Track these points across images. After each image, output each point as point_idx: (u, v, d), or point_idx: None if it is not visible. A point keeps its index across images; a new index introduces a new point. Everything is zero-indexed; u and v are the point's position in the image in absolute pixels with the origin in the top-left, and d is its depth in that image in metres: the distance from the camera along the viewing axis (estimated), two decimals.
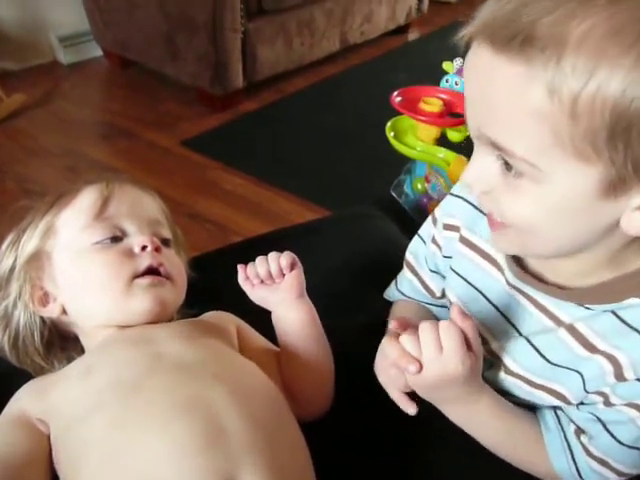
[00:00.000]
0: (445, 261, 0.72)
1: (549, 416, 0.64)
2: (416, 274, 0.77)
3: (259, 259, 0.69)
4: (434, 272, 0.75)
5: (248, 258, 0.71)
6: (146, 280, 0.64)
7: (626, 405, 0.55)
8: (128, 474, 0.50)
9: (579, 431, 0.61)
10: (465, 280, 0.68)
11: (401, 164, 1.81)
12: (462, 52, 0.51)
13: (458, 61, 1.76)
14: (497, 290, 0.64)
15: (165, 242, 0.70)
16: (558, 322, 0.59)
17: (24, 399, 0.61)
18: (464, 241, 0.68)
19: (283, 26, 2.45)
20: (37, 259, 0.67)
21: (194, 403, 0.54)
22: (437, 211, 0.74)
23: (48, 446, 0.58)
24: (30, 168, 2.00)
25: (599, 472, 0.59)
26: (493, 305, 0.65)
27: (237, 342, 0.69)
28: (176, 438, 0.51)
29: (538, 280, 0.59)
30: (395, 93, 1.64)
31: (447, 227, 0.71)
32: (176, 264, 0.70)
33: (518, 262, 0.61)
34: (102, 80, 2.76)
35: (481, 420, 0.64)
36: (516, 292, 0.62)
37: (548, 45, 0.41)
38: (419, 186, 1.73)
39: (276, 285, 0.68)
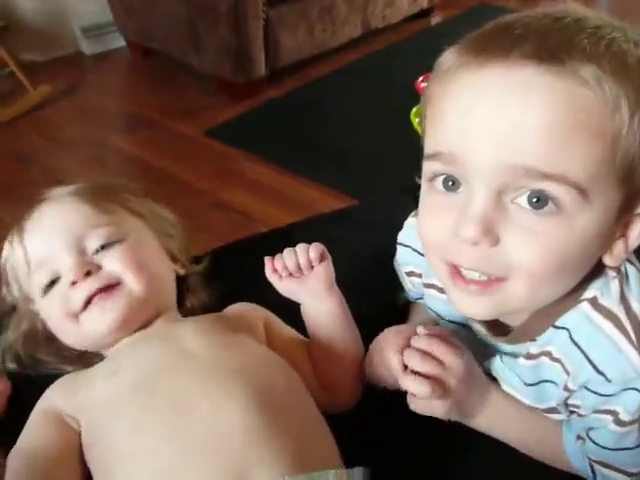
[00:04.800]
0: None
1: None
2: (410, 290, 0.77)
3: (287, 251, 0.68)
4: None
5: (275, 248, 0.70)
6: (89, 313, 0.63)
7: (594, 413, 0.55)
8: (151, 473, 0.51)
9: (578, 437, 0.60)
10: (440, 316, 0.69)
11: None
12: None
13: None
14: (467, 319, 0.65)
15: (104, 246, 0.66)
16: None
17: (55, 396, 0.63)
18: (427, 285, 0.68)
19: (305, 13, 2.43)
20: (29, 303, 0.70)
21: (213, 402, 0.54)
22: (396, 261, 0.75)
23: (79, 442, 0.59)
24: (55, 158, 2.02)
25: (607, 475, 0.58)
26: (471, 330, 0.65)
27: (265, 336, 0.69)
28: (195, 437, 0.51)
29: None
30: (420, 78, 1.62)
31: (409, 274, 0.72)
32: (129, 258, 0.66)
33: None
34: (125, 70, 2.77)
35: (504, 417, 0.64)
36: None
37: (611, 64, 0.43)
38: None
39: (305, 277, 0.68)
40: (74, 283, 0.64)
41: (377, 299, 0.79)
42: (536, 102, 0.43)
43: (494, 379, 0.66)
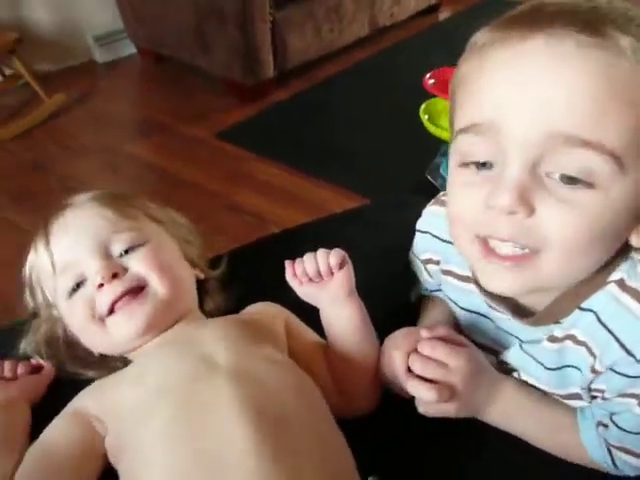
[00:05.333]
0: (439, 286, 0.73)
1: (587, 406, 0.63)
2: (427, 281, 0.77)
3: (307, 256, 0.67)
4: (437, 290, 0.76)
5: (289, 249, 0.70)
6: (115, 317, 0.65)
7: (619, 396, 0.55)
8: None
9: (599, 423, 0.60)
10: (458, 305, 0.69)
11: (437, 147, 1.79)
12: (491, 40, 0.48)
13: None
14: (486, 307, 0.65)
15: (128, 250, 0.68)
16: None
17: (85, 398, 0.63)
18: (445, 272, 0.69)
19: (311, 13, 2.45)
20: (51, 309, 0.71)
21: (232, 421, 0.53)
22: (413, 250, 0.75)
23: (100, 444, 0.59)
24: (71, 166, 2.05)
25: (629, 462, 0.58)
26: (489, 319, 0.65)
27: (285, 341, 0.68)
28: (215, 453, 0.52)
29: (502, 302, 0.59)
30: (428, 75, 1.62)
31: (427, 262, 0.72)
32: (152, 259, 0.67)
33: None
34: (137, 77, 2.81)
35: (516, 410, 0.64)
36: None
37: None
38: None
39: (325, 282, 0.66)
40: (101, 286, 0.65)
41: (387, 300, 0.77)
42: (574, 73, 0.44)
43: (512, 370, 0.65)
